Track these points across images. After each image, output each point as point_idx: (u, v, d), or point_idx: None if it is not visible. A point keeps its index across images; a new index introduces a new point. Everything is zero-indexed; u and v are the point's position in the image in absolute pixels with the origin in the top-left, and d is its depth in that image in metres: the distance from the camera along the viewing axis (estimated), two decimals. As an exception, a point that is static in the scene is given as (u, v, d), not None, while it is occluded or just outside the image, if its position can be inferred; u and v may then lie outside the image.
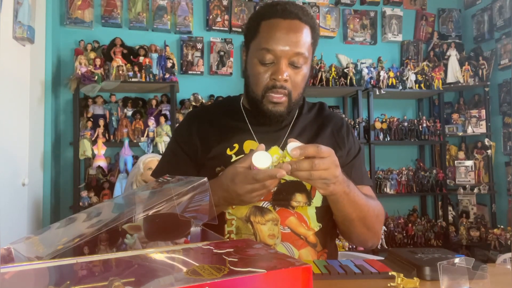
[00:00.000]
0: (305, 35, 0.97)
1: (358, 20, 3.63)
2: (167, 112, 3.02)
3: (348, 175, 1.02)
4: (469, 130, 3.51)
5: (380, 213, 1.03)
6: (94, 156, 2.84)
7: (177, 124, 2.23)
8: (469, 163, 3.48)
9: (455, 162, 3.53)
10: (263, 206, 1.00)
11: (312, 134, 1.07)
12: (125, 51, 2.99)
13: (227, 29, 3.38)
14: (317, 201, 1.02)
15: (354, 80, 3.32)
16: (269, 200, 1.00)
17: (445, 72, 3.53)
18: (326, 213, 1.03)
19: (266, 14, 0.99)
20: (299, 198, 1.00)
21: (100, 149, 2.84)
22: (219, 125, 1.08)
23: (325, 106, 1.17)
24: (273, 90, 0.97)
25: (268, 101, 0.98)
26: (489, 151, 3.46)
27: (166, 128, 2.93)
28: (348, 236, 1.04)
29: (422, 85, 3.41)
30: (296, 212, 1.00)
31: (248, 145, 1.03)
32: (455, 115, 3.57)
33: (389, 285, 0.67)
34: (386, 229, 3.24)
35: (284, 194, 1.00)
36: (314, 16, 1.06)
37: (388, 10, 3.68)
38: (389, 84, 3.36)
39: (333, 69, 3.29)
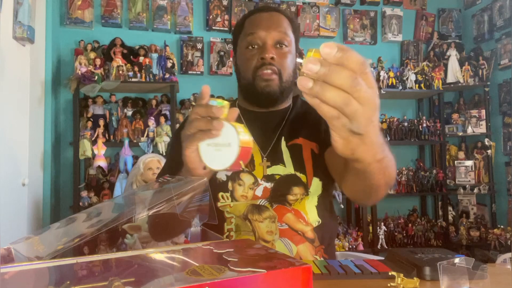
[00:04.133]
0: (286, 23, 1.06)
1: (358, 20, 3.63)
2: (167, 112, 3.02)
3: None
4: (469, 130, 3.51)
5: (395, 162, 0.81)
6: (94, 156, 2.84)
7: (178, 126, 2.23)
8: (469, 163, 3.48)
9: (455, 162, 3.53)
10: (261, 204, 1.01)
11: (299, 124, 1.08)
12: (125, 51, 2.99)
13: (227, 29, 3.38)
14: (313, 189, 1.03)
15: (354, 80, 3.31)
16: (267, 197, 1.02)
17: (445, 72, 3.53)
18: (325, 209, 1.04)
19: (248, 13, 1.11)
20: (296, 191, 1.01)
21: (100, 149, 2.84)
22: None
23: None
24: (262, 68, 1.01)
25: (260, 80, 1.02)
26: (489, 151, 3.46)
27: (166, 128, 2.93)
28: (367, 202, 0.92)
29: (422, 85, 3.41)
30: (293, 208, 1.02)
31: None
32: (455, 115, 3.57)
33: (389, 285, 0.67)
34: (386, 229, 3.24)
35: (282, 189, 1.01)
36: (293, 15, 1.13)
37: (388, 10, 3.68)
38: (389, 84, 3.36)
39: (333, 69, 3.28)
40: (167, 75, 2.97)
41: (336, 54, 0.47)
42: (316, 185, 1.03)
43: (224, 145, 0.72)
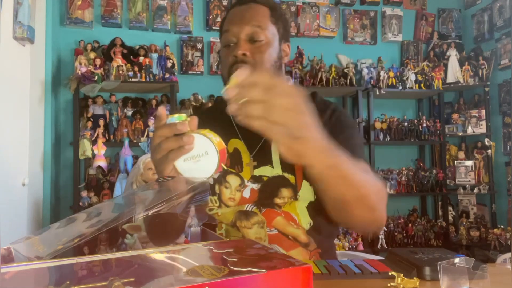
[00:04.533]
0: (262, 12, 1.01)
1: (358, 20, 3.63)
2: (167, 112, 3.02)
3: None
4: (469, 130, 3.51)
5: (380, 187, 0.85)
6: (94, 156, 2.84)
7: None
8: (469, 163, 3.49)
9: (455, 162, 3.54)
10: (248, 209, 0.98)
11: None
12: (125, 51, 2.99)
13: (227, 29, 3.38)
14: (304, 193, 0.98)
15: (354, 80, 3.32)
16: (255, 199, 0.98)
17: (445, 72, 3.53)
18: (318, 210, 0.97)
19: (229, 8, 1.08)
20: (285, 193, 0.97)
21: (100, 149, 2.84)
22: (206, 125, 1.08)
23: (316, 95, 1.10)
24: (234, 66, 0.98)
25: None
26: (489, 151, 3.46)
27: (166, 128, 2.93)
28: (345, 222, 0.91)
29: (422, 85, 3.41)
30: (283, 211, 0.97)
31: (232, 143, 1.03)
32: (455, 115, 3.57)
33: (389, 285, 0.67)
34: (386, 229, 3.24)
35: (269, 191, 0.98)
36: (275, 1, 1.07)
37: (388, 10, 3.68)
38: (389, 84, 3.36)
39: (333, 69, 3.29)
40: (167, 75, 2.97)
41: (247, 78, 0.58)
42: (306, 188, 0.98)
43: (201, 155, 0.71)
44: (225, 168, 0.75)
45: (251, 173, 1.00)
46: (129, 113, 3.01)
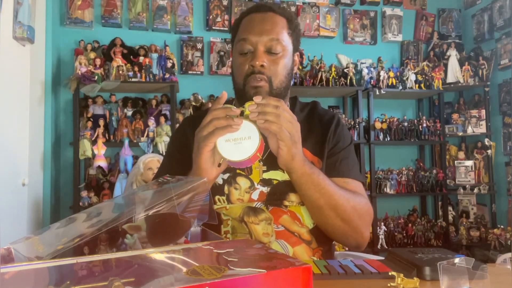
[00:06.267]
0: (280, 24, 1.03)
1: (358, 20, 3.63)
2: (167, 112, 3.02)
3: (335, 166, 1.03)
4: (469, 130, 3.51)
5: (360, 207, 0.98)
6: (94, 156, 2.84)
7: (177, 125, 2.21)
8: (469, 163, 3.48)
9: (455, 162, 3.53)
10: (256, 206, 1.01)
11: (304, 133, 1.05)
12: (125, 51, 2.99)
13: (227, 29, 3.38)
14: None
15: (354, 80, 3.32)
16: (263, 200, 1.01)
17: (445, 72, 3.53)
18: None
19: (245, 12, 1.08)
20: (293, 198, 1.01)
21: (100, 149, 2.84)
22: None
23: (318, 105, 1.16)
24: (251, 76, 0.99)
25: (250, 87, 1.00)
26: (489, 151, 3.46)
27: (166, 128, 2.93)
28: (324, 228, 1.00)
29: (422, 85, 3.41)
30: (289, 210, 1.01)
31: None
32: (455, 115, 3.57)
33: (389, 285, 0.67)
34: (386, 229, 3.24)
35: (278, 194, 1.01)
36: (292, 11, 1.10)
37: (388, 10, 3.68)
38: (389, 84, 3.36)
39: (333, 69, 3.29)
40: (167, 75, 2.97)
41: (262, 100, 0.83)
42: None
43: (244, 138, 0.82)
44: (260, 157, 0.87)
45: (260, 176, 1.02)
46: (129, 113, 3.00)
